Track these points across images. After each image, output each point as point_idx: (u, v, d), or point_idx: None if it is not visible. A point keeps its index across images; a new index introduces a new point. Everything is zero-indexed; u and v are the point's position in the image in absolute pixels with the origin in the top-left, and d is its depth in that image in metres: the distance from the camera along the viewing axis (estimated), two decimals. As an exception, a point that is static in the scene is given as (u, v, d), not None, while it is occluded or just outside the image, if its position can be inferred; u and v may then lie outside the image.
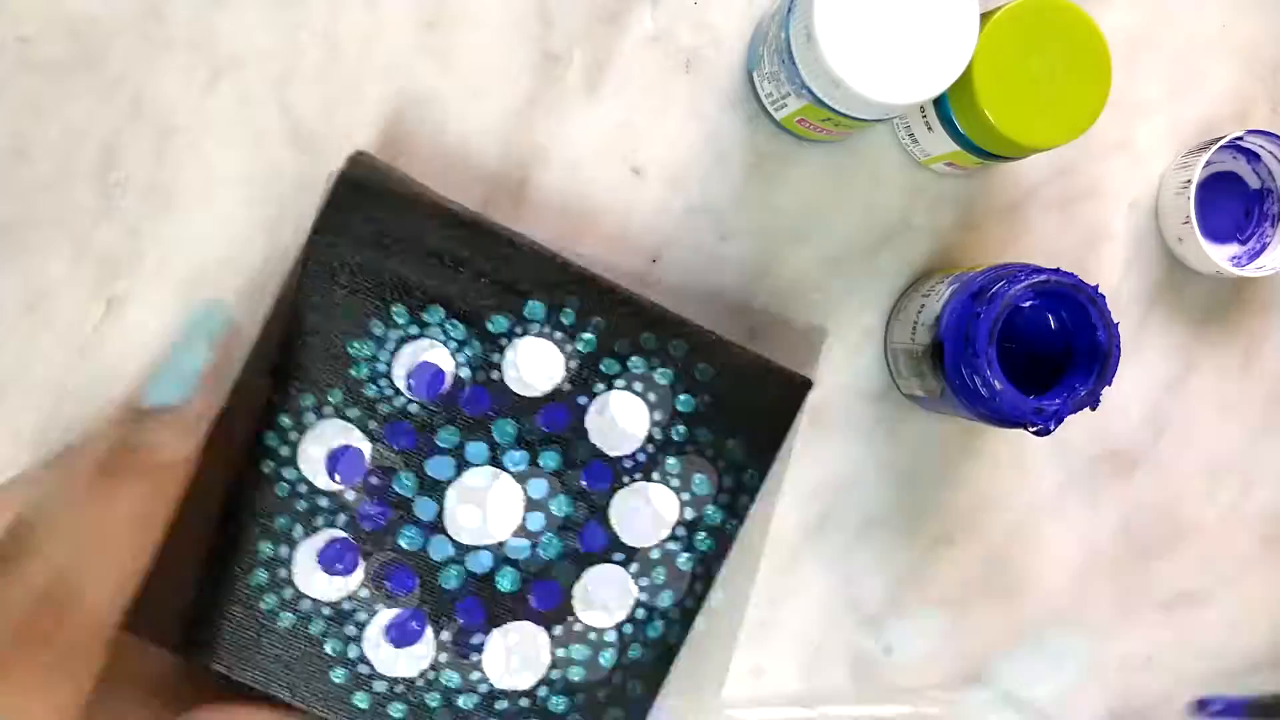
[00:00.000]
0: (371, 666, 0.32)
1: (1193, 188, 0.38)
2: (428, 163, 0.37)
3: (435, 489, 0.32)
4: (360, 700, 0.32)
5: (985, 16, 0.33)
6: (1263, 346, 0.42)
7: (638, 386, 0.33)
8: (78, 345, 0.35)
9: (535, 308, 0.33)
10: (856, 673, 0.40)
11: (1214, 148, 0.38)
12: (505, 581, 0.33)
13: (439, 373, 0.33)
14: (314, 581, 0.32)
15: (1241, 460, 0.42)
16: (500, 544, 0.33)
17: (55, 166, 0.35)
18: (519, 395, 0.33)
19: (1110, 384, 0.33)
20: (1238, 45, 0.41)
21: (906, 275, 0.39)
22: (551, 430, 0.33)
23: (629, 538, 0.33)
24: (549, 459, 0.33)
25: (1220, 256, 0.40)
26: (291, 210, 0.36)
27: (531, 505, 0.33)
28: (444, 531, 0.32)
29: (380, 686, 0.32)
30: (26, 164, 0.35)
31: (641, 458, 0.34)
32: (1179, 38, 0.41)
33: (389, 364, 0.32)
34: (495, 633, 0.33)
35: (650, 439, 0.34)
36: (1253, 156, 0.40)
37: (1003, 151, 0.35)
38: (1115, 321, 0.33)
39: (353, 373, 0.32)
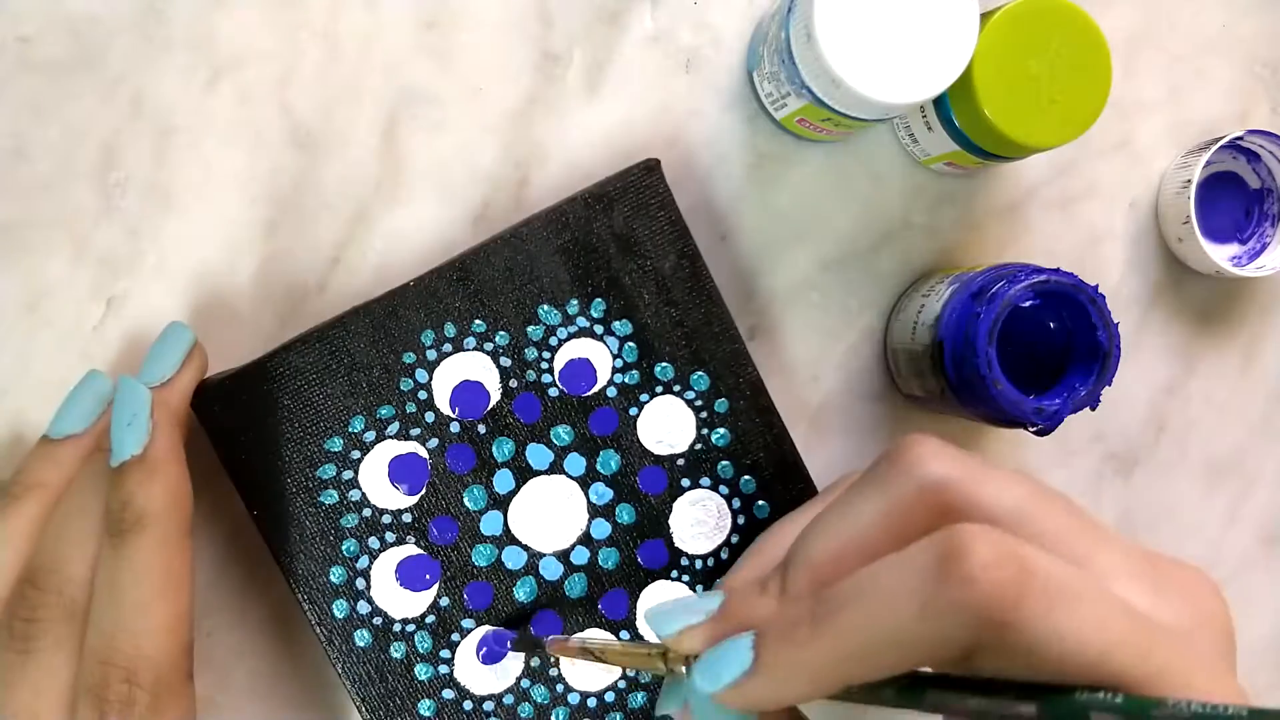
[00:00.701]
0: (459, 686, 0.33)
1: (1193, 188, 0.38)
2: (428, 162, 0.37)
3: (500, 503, 0.34)
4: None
5: (985, 16, 0.33)
6: (1263, 346, 0.42)
7: (678, 389, 0.34)
8: (78, 345, 0.35)
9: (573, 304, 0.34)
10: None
11: (1214, 148, 0.38)
12: (575, 588, 0.34)
13: (481, 389, 0.33)
14: (394, 598, 0.33)
15: (1241, 460, 0.42)
16: (567, 550, 0.34)
17: (55, 166, 0.35)
18: (570, 397, 0.33)
19: (1110, 384, 0.33)
20: (1238, 45, 0.41)
21: (906, 275, 0.39)
22: (602, 434, 0.34)
23: (690, 548, 0.35)
24: (607, 462, 0.34)
25: (1220, 256, 0.40)
26: (291, 210, 0.36)
27: (596, 511, 0.34)
28: (515, 542, 0.34)
29: (469, 706, 0.33)
30: (26, 164, 0.35)
31: (691, 458, 0.34)
32: (1179, 38, 0.41)
33: (429, 382, 0.33)
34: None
35: (699, 439, 0.34)
36: (1253, 156, 0.40)
37: (1003, 151, 0.35)
38: (1115, 321, 0.33)
39: (402, 386, 0.33)
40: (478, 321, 0.33)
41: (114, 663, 0.28)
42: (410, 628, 0.33)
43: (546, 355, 0.34)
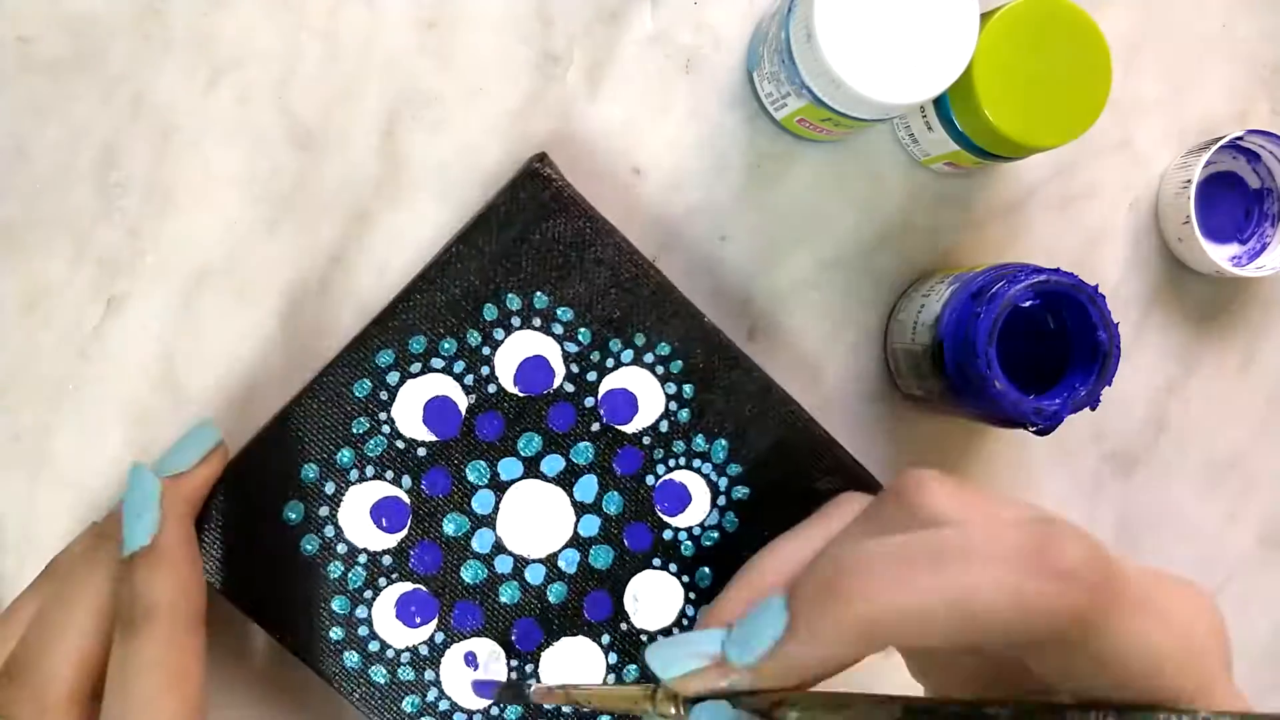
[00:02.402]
0: (452, 701, 0.34)
1: (1193, 188, 0.38)
2: (428, 162, 0.37)
3: (486, 521, 0.34)
4: None
5: (985, 16, 0.33)
6: (1263, 346, 0.42)
7: (647, 358, 0.34)
8: (78, 345, 0.35)
9: (511, 299, 0.34)
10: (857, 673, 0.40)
11: (1214, 148, 0.38)
12: (555, 594, 0.34)
13: (451, 404, 0.33)
14: (398, 634, 0.34)
15: (1241, 460, 0.42)
16: (555, 554, 0.34)
17: (55, 166, 0.35)
18: (525, 399, 0.33)
19: (1110, 384, 0.33)
20: (1238, 45, 0.41)
21: (906, 275, 0.39)
22: (565, 429, 0.34)
23: (675, 520, 0.35)
24: (582, 453, 0.34)
25: (1220, 256, 0.40)
26: (291, 210, 0.36)
27: (584, 509, 0.34)
28: (505, 551, 0.34)
29: (460, 719, 0.34)
30: (26, 164, 0.35)
31: (664, 427, 0.34)
32: (1179, 38, 0.41)
33: (389, 408, 0.33)
34: (546, 654, 0.34)
35: (666, 412, 0.34)
36: (1253, 156, 0.40)
37: (1003, 151, 0.35)
38: (1115, 321, 0.33)
39: (354, 429, 0.33)
40: (418, 338, 0.33)
41: None
42: (405, 656, 0.34)
43: (487, 351, 0.34)
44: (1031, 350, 0.35)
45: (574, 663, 0.34)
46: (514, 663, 0.34)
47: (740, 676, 0.23)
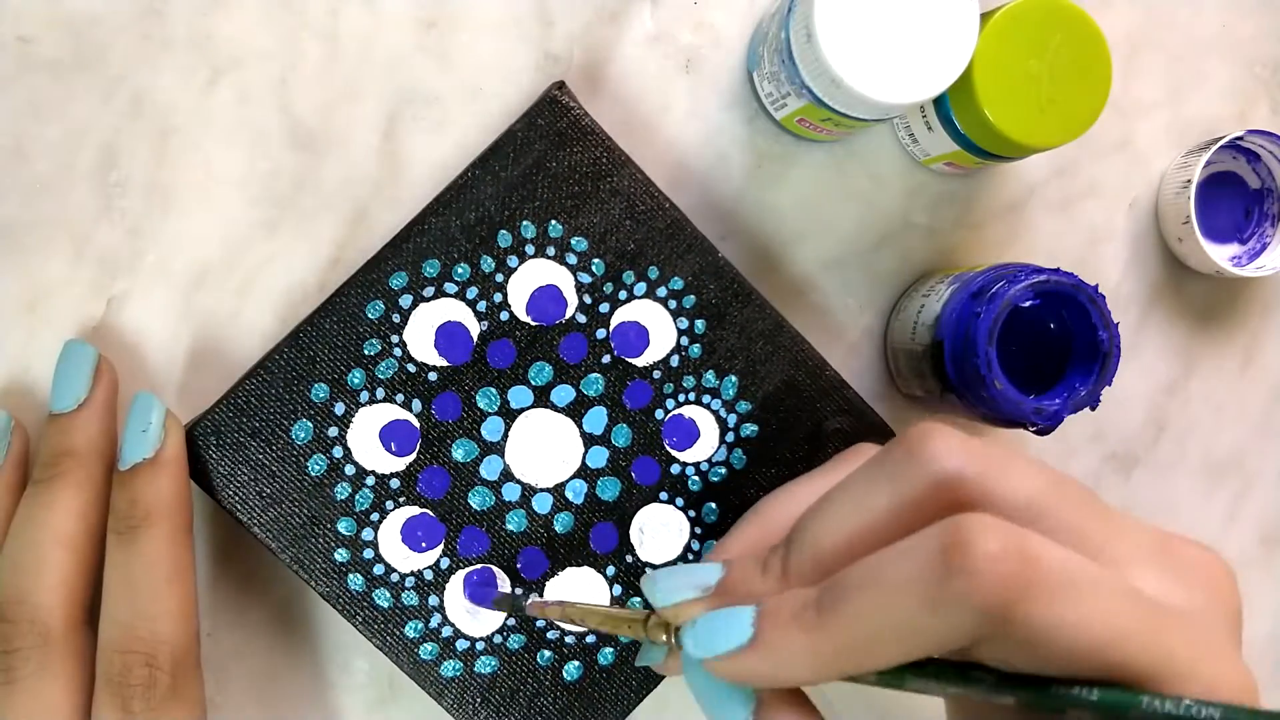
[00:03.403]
0: (455, 628, 0.34)
1: (1193, 188, 0.38)
2: (428, 162, 0.37)
3: (495, 448, 0.34)
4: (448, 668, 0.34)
5: (985, 16, 0.33)
6: (1263, 346, 0.42)
7: (659, 293, 0.35)
8: (78, 345, 0.35)
9: (527, 227, 0.34)
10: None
11: (1214, 148, 0.38)
12: (562, 524, 0.34)
13: (463, 330, 0.33)
14: (403, 559, 0.34)
15: (1241, 460, 0.42)
16: (562, 484, 0.34)
17: (55, 166, 0.35)
18: (537, 328, 0.34)
19: (1110, 384, 0.33)
20: (1238, 45, 0.41)
21: (906, 275, 0.39)
22: (576, 360, 0.34)
23: (683, 455, 0.35)
24: (592, 385, 0.34)
25: (1220, 256, 0.40)
26: (291, 210, 0.36)
27: (592, 440, 0.34)
28: (513, 479, 0.34)
29: (463, 645, 0.34)
30: (26, 164, 0.35)
31: (675, 362, 0.35)
32: (1179, 38, 0.41)
33: (401, 331, 0.33)
34: (551, 583, 0.34)
35: (677, 347, 0.35)
36: (1253, 156, 0.40)
37: (1003, 151, 0.35)
38: (1115, 321, 0.33)
39: (365, 350, 0.33)
40: (431, 261, 0.33)
41: (133, 649, 0.29)
42: (410, 581, 0.34)
43: (500, 278, 0.34)
44: (1031, 350, 0.35)
45: (579, 593, 0.34)
46: (519, 590, 0.34)
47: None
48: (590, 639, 0.35)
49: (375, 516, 0.33)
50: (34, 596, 0.29)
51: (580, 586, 0.34)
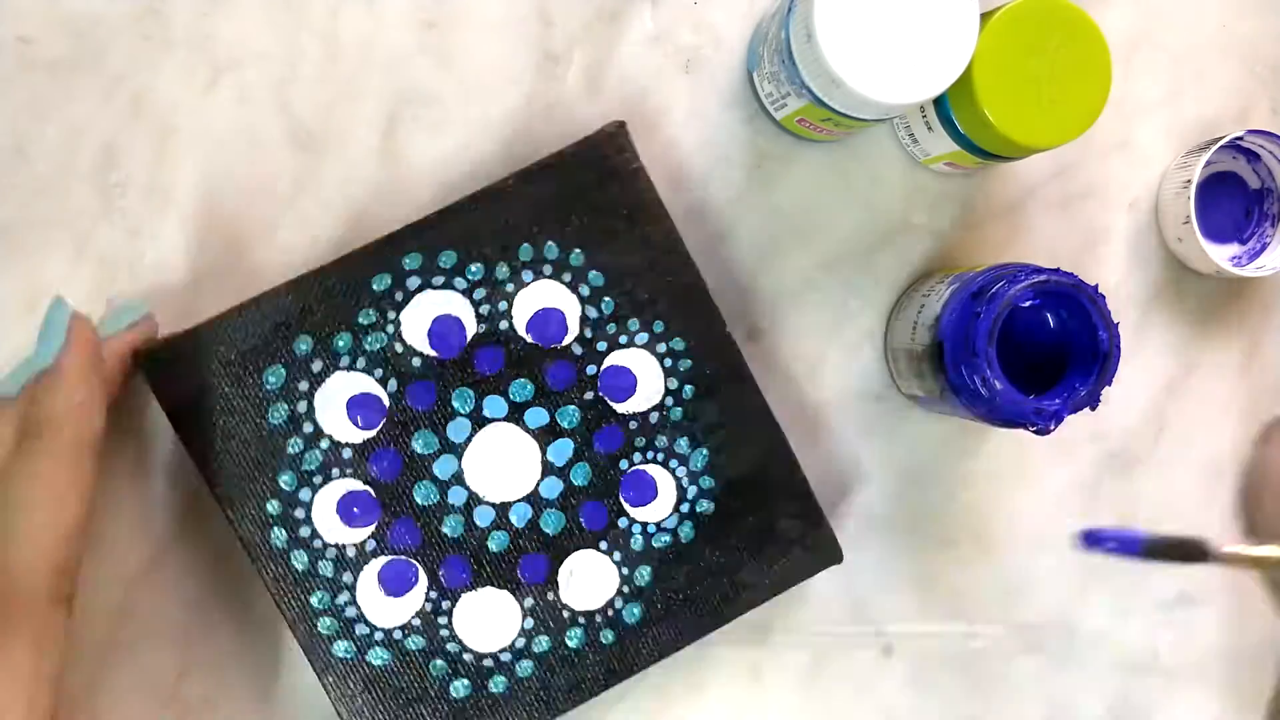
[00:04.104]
0: (360, 611, 0.33)
1: (1193, 188, 0.38)
2: (428, 162, 0.37)
3: (454, 449, 0.34)
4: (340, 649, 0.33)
5: (985, 16, 0.33)
6: (1263, 346, 0.42)
7: (659, 348, 0.34)
8: (78, 345, 0.35)
9: (551, 247, 0.34)
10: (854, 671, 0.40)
11: (1214, 148, 0.38)
12: (496, 543, 0.34)
13: (459, 327, 0.33)
14: (332, 528, 0.33)
15: (1242, 460, 0.42)
16: (507, 505, 0.34)
17: (55, 166, 0.35)
18: (531, 346, 0.34)
19: (1110, 384, 0.33)
20: (1238, 45, 0.41)
21: (906, 275, 0.39)
22: (560, 388, 0.34)
23: (634, 512, 0.35)
24: (568, 416, 0.34)
25: (1220, 256, 0.40)
26: (291, 210, 0.36)
27: (551, 470, 0.34)
28: (463, 483, 0.34)
29: (362, 631, 0.33)
30: (26, 164, 0.35)
31: (654, 418, 0.34)
32: (1179, 38, 0.41)
33: (400, 310, 0.33)
34: (466, 596, 0.34)
35: (661, 405, 0.34)
36: (1253, 156, 0.40)
37: (1003, 151, 0.35)
38: (1115, 321, 0.33)
39: (360, 318, 0.33)
40: (449, 252, 0.33)
41: None
42: (332, 552, 0.33)
43: (510, 289, 0.34)
44: (1031, 350, 0.35)
45: (488, 614, 0.34)
46: (432, 594, 0.34)
47: None
48: (488, 663, 0.34)
49: (319, 480, 0.33)
50: (11, 569, 0.27)
51: (493, 608, 0.34)
